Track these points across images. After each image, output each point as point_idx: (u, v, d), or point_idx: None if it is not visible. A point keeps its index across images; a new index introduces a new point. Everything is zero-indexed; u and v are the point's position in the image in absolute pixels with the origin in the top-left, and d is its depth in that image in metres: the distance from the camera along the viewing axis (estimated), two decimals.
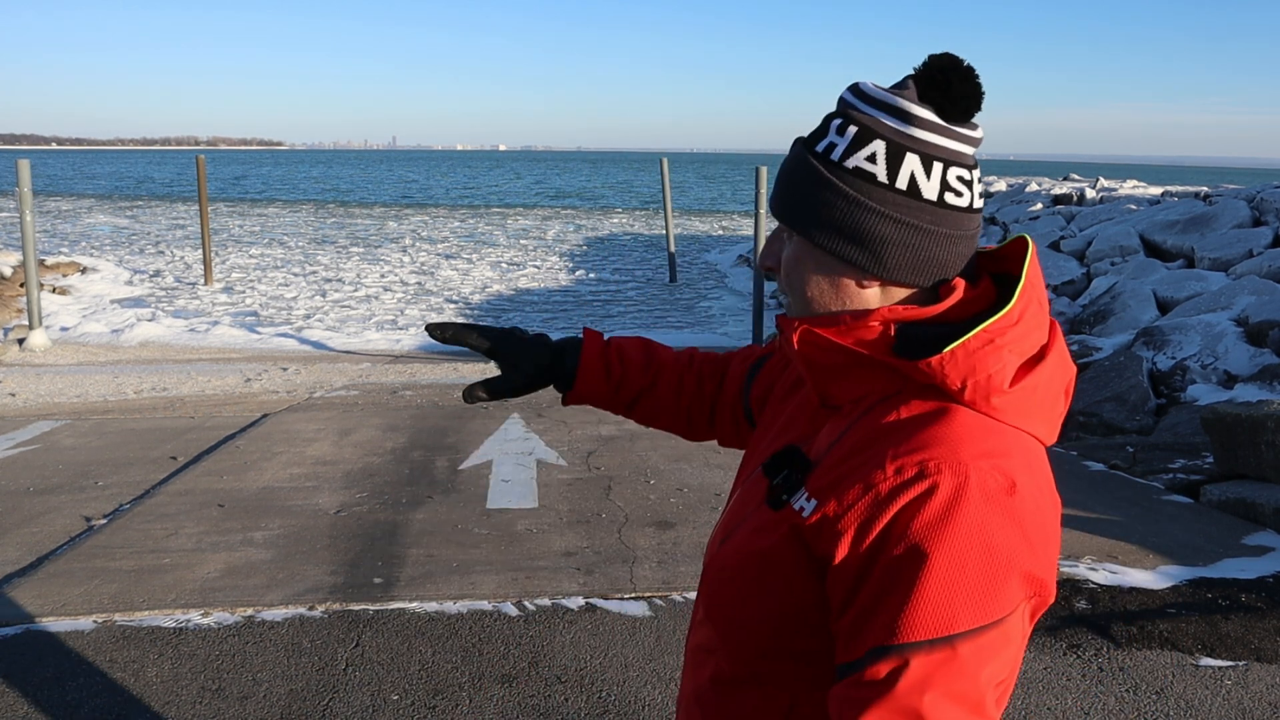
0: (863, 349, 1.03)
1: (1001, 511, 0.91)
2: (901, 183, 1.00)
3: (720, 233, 33.18)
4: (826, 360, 1.06)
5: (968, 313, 1.02)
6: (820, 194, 1.03)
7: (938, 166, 1.01)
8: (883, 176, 1.01)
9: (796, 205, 1.05)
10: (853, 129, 1.02)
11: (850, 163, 1.02)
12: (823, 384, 1.08)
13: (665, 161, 20.84)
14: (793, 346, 1.08)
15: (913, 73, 1.03)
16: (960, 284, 1.03)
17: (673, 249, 20.75)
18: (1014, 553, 0.90)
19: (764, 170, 11.96)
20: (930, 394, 1.00)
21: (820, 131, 1.06)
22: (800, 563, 1.00)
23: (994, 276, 1.07)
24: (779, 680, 1.06)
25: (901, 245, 1.01)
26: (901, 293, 1.04)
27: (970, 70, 1.02)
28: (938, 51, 1.05)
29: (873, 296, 1.04)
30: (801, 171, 1.05)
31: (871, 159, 1.01)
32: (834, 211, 1.02)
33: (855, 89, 1.05)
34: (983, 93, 1.02)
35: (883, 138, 1.01)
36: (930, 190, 1.01)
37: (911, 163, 1.00)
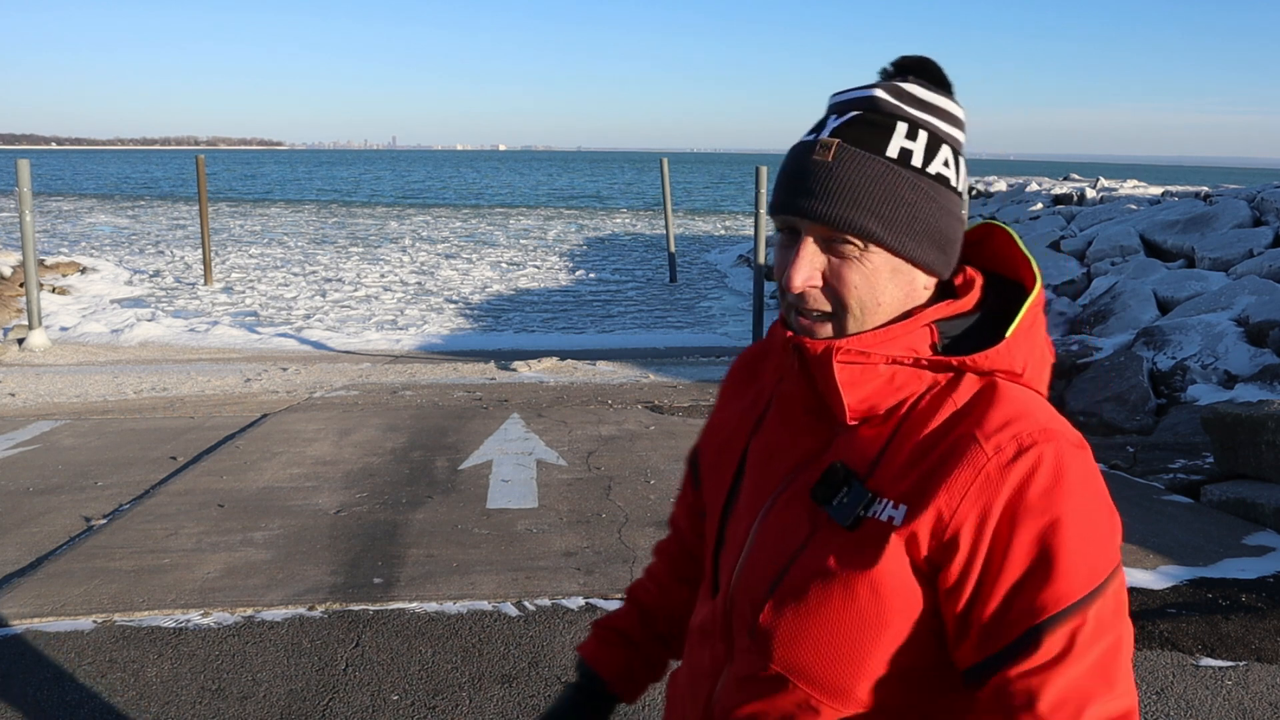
0: (912, 353, 1.02)
1: (1089, 462, 0.98)
2: (963, 185, 1.06)
3: (722, 233, 33.20)
4: (866, 377, 1.02)
5: (974, 296, 1.07)
6: (923, 206, 1.02)
7: (962, 160, 1.06)
8: (954, 181, 1.04)
9: (894, 219, 1.00)
10: (924, 134, 1.02)
11: (932, 169, 1.02)
12: (862, 399, 1.03)
13: (665, 162, 20.85)
14: (829, 371, 1.02)
15: (897, 69, 1.05)
16: (977, 275, 1.07)
17: (673, 249, 20.75)
18: (1108, 494, 0.99)
19: (764, 170, 11.95)
20: (972, 378, 1.02)
21: (875, 136, 1.01)
22: (906, 574, 0.98)
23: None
24: (899, 711, 1.03)
25: (959, 243, 1.06)
26: (932, 287, 1.07)
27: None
28: (911, 52, 1.08)
29: (925, 297, 1.06)
30: (893, 182, 1.00)
31: (946, 164, 1.03)
32: (927, 220, 1.02)
33: (902, 91, 1.03)
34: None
35: (947, 142, 1.03)
36: (963, 184, 1.07)
37: (962, 163, 1.06)
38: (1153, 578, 4.12)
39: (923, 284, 1.05)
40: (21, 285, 15.07)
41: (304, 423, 7.07)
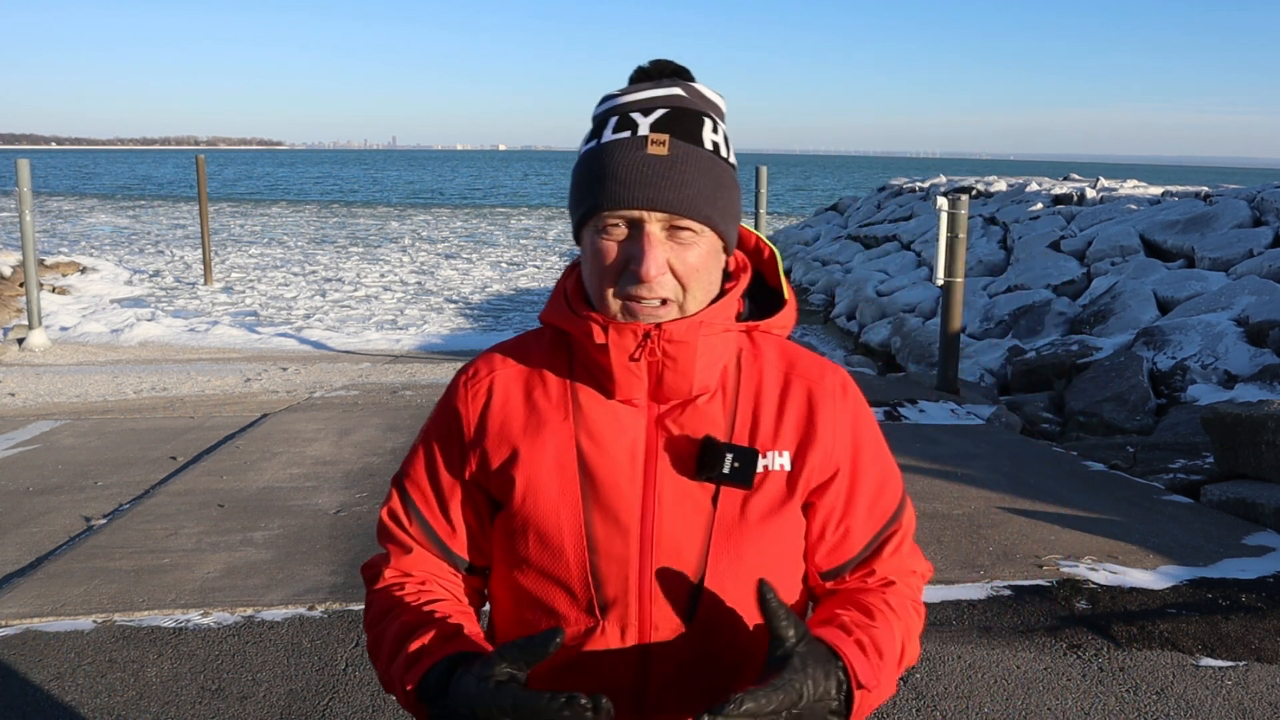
0: (731, 323, 1.16)
1: None
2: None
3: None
4: (706, 348, 1.13)
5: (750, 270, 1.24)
6: (733, 193, 1.15)
7: None
8: (736, 165, 1.19)
9: (719, 204, 1.12)
10: (720, 128, 1.15)
11: (731, 159, 1.16)
12: (704, 369, 1.14)
13: None
14: (691, 348, 1.11)
15: (654, 70, 1.15)
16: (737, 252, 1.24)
17: None
18: None
19: (764, 170, 11.97)
20: (764, 338, 1.22)
21: (693, 131, 1.11)
22: (799, 506, 1.18)
23: None
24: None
25: None
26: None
27: None
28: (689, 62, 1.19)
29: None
30: (716, 171, 1.12)
31: (732, 153, 1.17)
32: (736, 205, 1.16)
33: (693, 90, 1.14)
34: None
35: (726, 132, 1.17)
36: None
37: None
38: (1153, 578, 4.12)
39: (725, 262, 1.19)
40: (21, 285, 15.07)
41: (304, 423, 7.07)
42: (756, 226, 11.60)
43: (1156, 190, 16.16)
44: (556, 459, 1.15)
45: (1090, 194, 16.48)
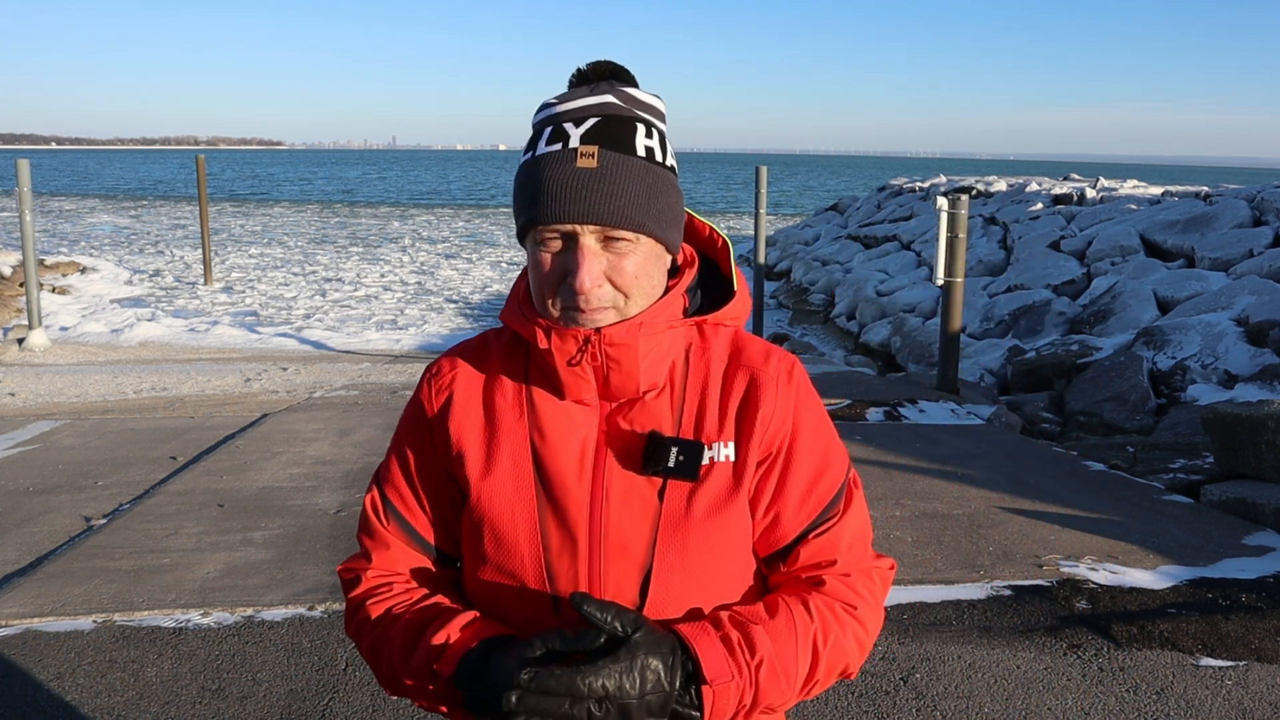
0: (675, 320, 1.17)
1: None
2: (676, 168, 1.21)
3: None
4: (649, 347, 1.14)
5: (696, 265, 1.25)
6: (670, 196, 1.15)
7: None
8: (677, 169, 1.20)
9: (656, 211, 1.13)
10: (655, 132, 1.15)
11: (668, 161, 1.16)
12: (650, 368, 1.15)
13: None
14: (633, 350, 1.12)
15: (591, 73, 1.17)
16: (687, 245, 1.26)
17: None
18: None
19: (764, 170, 11.96)
20: (713, 329, 1.22)
21: (624, 139, 1.12)
22: (744, 495, 1.17)
23: None
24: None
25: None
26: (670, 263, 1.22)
27: None
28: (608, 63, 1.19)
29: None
30: (649, 179, 1.12)
31: (672, 155, 1.18)
32: (674, 209, 1.17)
33: (627, 95, 1.15)
34: None
35: (663, 134, 1.17)
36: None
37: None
38: (1153, 578, 4.12)
39: (669, 262, 1.20)
40: (21, 285, 15.07)
41: (304, 422, 7.07)
42: (756, 226, 11.60)
43: (1156, 190, 16.16)
44: (512, 458, 1.18)
45: (1090, 194, 16.48)
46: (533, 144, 1.16)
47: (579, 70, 1.18)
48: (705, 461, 1.15)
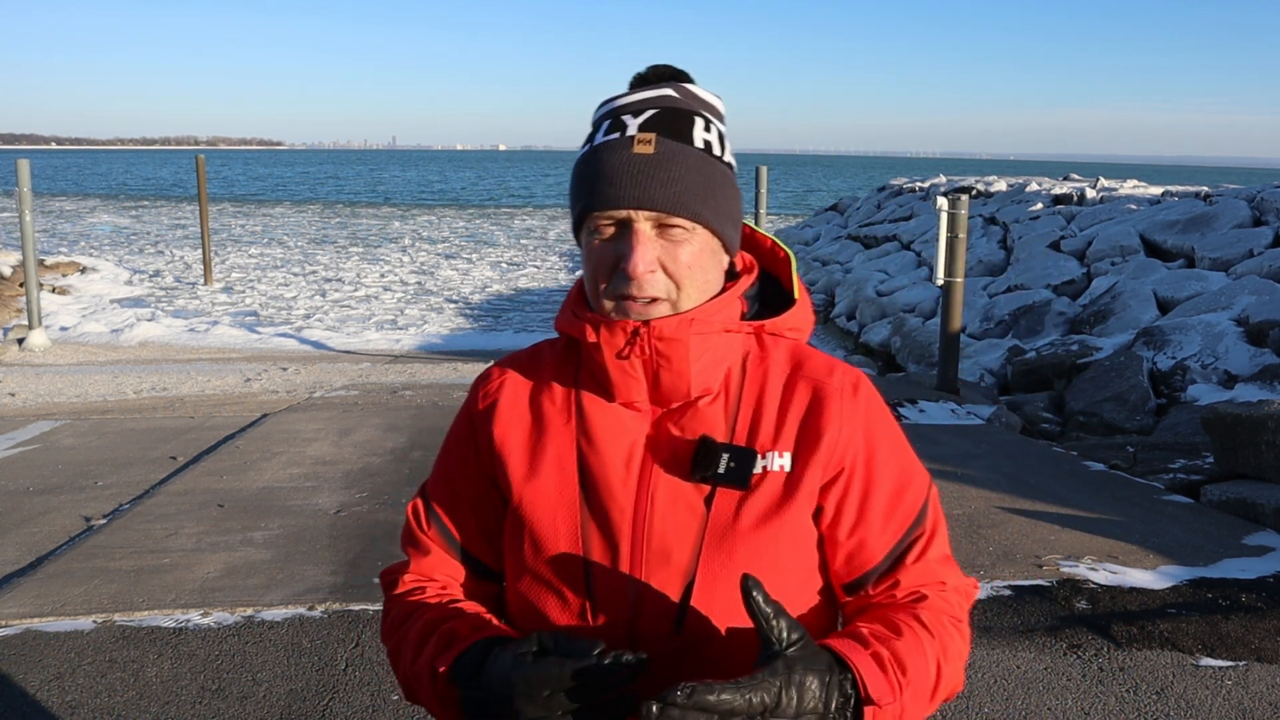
0: (732, 323, 1.14)
1: None
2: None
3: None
4: (704, 348, 1.11)
5: (756, 271, 1.22)
6: (727, 191, 1.13)
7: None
8: (736, 169, 1.18)
9: (714, 203, 1.10)
10: (714, 127, 1.14)
11: (726, 158, 1.14)
12: (702, 371, 1.11)
13: None
14: (684, 346, 1.09)
15: (651, 75, 1.16)
16: (744, 252, 1.23)
17: None
18: None
19: (764, 170, 11.97)
20: (773, 340, 1.18)
21: (682, 130, 1.10)
22: (805, 509, 1.11)
23: None
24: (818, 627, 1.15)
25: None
26: (727, 265, 1.19)
27: None
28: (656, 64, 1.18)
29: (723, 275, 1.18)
30: (707, 169, 1.10)
31: (731, 154, 1.16)
32: (732, 204, 1.14)
33: (686, 91, 1.14)
34: None
35: (722, 131, 1.16)
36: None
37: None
38: (1153, 578, 4.12)
39: (726, 262, 1.17)
40: (21, 285, 15.07)
41: (304, 423, 7.07)
42: (756, 224, 11.61)
43: (1156, 190, 16.15)
44: (557, 461, 1.15)
45: (1090, 194, 16.48)
46: (590, 138, 1.14)
47: (638, 74, 1.17)
48: (758, 470, 1.10)
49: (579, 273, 1.18)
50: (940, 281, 8.25)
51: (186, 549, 4.43)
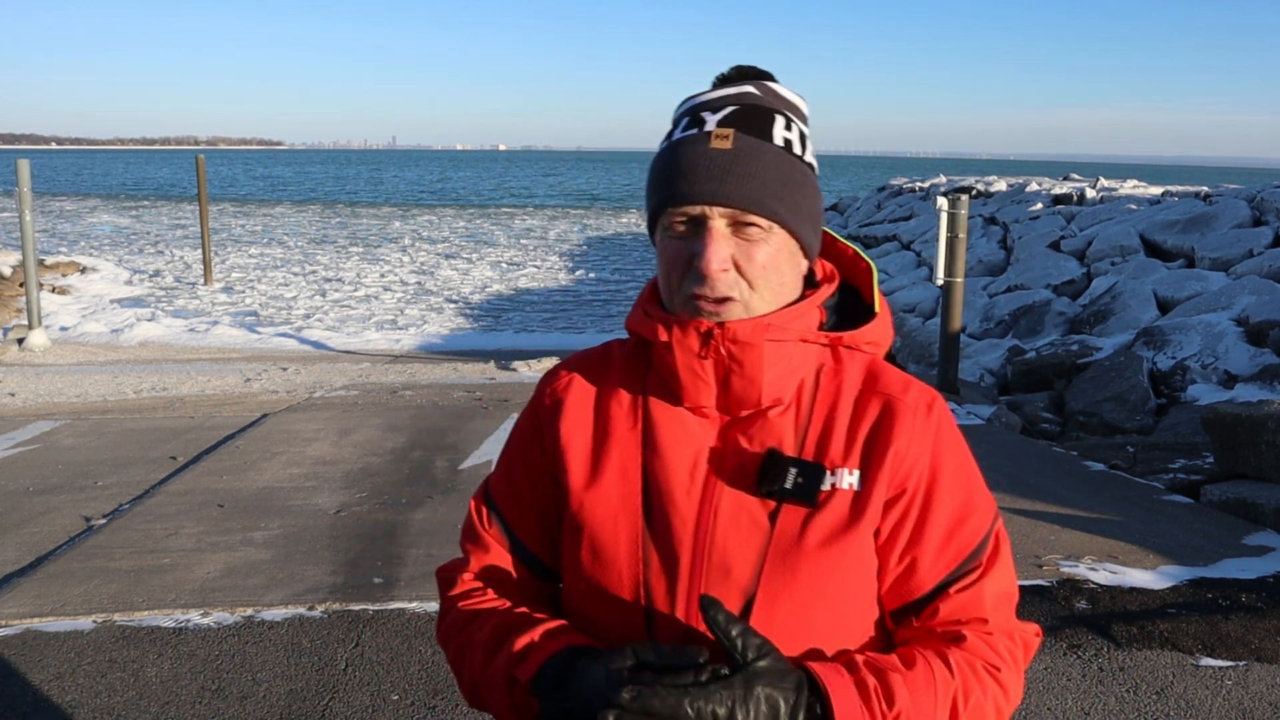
0: (810, 332, 1.10)
1: None
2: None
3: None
4: (779, 355, 1.07)
5: (837, 280, 1.18)
6: (807, 190, 1.09)
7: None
8: (817, 171, 1.14)
9: (792, 202, 1.07)
10: (796, 126, 1.11)
11: (807, 158, 1.11)
12: (775, 379, 1.08)
13: None
14: (757, 350, 1.05)
15: (733, 74, 1.13)
16: (825, 260, 1.19)
17: None
18: None
19: None
20: (849, 354, 1.14)
21: (762, 127, 1.07)
22: (869, 530, 1.07)
23: None
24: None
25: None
26: (806, 271, 1.15)
27: None
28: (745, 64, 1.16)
29: (802, 280, 1.14)
30: (787, 167, 1.07)
31: (813, 155, 1.13)
32: (812, 205, 1.11)
33: (768, 89, 1.11)
34: None
35: (804, 132, 1.12)
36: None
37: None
38: (1153, 578, 4.12)
39: (805, 267, 1.13)
40: (21, 285, 15.07)
41: (304, 423, 7.08)
42: None
43: (1156, 190, 16.16)
44: (620, 467, 1.12)
45: (1090, 194, 16.48)
46: (669, 134, 1.12)
47: (721, 74, 1.15)
48: (826, 487, 1.06)
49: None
50: (940, 281, 8.25)
51: (186, 549, 4.43)
